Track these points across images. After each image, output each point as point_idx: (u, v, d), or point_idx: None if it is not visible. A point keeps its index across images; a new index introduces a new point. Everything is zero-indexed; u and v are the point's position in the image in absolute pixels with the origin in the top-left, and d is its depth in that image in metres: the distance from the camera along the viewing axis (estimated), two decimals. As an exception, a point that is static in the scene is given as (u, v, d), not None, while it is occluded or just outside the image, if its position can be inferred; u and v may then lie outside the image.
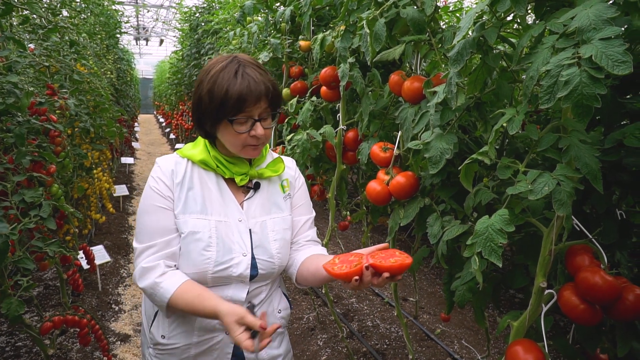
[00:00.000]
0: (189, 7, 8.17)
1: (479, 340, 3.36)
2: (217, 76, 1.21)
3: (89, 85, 3.67)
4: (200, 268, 1.24)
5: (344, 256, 1.18)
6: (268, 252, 1.32)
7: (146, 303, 1.41)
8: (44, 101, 2.06)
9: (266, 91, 1.21)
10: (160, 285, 1.20)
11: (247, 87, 1.19)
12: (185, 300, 1.18)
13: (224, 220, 1.28)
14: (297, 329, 3.48)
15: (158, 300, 1.22)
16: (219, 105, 1.20)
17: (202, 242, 1.24)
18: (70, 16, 3.84)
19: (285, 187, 1.44)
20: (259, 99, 1.20)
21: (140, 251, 1.25)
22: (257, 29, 3.19)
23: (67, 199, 3.27)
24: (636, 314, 1.02)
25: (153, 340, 1.32)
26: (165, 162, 1.32)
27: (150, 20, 18.47)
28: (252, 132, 1.23)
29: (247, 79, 1.19)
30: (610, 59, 0.77)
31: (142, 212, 1.28)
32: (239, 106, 1.19)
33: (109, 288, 4.13)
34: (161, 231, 1.25)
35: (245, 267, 1.27)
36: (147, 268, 1.22)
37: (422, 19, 1.43)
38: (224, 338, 1.30)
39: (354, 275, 1.06)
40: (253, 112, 1.21)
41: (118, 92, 7.87)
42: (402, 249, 4.79)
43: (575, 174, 0.97)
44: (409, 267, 1.08)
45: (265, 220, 1.35)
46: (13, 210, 1.54)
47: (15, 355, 2.98)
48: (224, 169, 1.31)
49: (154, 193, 1.27)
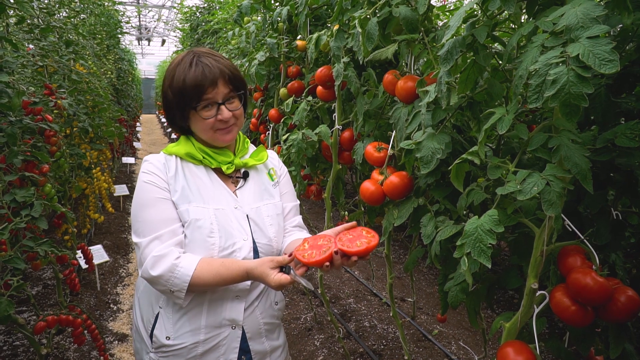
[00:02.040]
0: (190, 7, 8.17)
1: (477, 342, 3.34)
2: (174, 70, 1.28)
3: (87, 85, 3.67)
4: (205, 254, 1.26)
5: (313, 240, 1.22)
6: (266, 236, 1.37)
7: (142, 307, 1.39)
8: (38, 101, 2.05)
9: (221, 74, 1.26)
10: (179, 266, 1.20)
11: (202, 74, 1.24)
12: (210, 271, 1.21)
13: (220, 207, 1.31)
14: (294, 329, 3.48)
15: (178, 283, 1.20)
16: (179, 96, 1.25)
17: (205, 229, 1.26)
18: (69, 16, 3.84)
19: (273, 176, 1.50)
20: (215, 83, 1.25)
21: (147, 243, 1.23)
22: (255, 28, 3.19)
23: (66, 198, 3.27)
24: (628, 315, 1.01)
25: (156, 343, 1.31)
26: (155, 158, 1.34)
27: (152, 21, 18.50)
28: (219, 116, 1.27)
29: (201, 66, 1.25)
30: (597, 57, 0.76)
31: (140, 207, 1.28)
32: (197, 93, 1.24)
33: (107, 287, 4.13)
34: (165, 221, 1.26)
35: (248, 251, 1.31)
36: (159, 256, 1.21)
37: (414, 18, 1.42)
38: (230, 333, 1.32)
39: (325, 261, 1.12)
40: (214, 96, 1.26)
41: (118, 92, 7.88)
42: (399, 249, 4.77)
43: (566, 174, 0.96)
44: (375, 247, 1.14)
45: (259, 206, 1.40)
46: (4, 209, 1.54)
47: (12, 355, 2.99)
48: (210, 159, 1.34)
49: (150, 186, 1.28)
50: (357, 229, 1.23)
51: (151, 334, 1.33)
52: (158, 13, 17.12)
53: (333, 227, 1.29)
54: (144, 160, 1.35)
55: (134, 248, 1.31)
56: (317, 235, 1.26)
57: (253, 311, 1.36)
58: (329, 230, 1.27)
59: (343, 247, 1.14)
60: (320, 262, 1.12)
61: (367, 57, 1.60)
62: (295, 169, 2.44)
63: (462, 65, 1.19)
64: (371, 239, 1.17)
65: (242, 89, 1.34)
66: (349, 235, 1.20)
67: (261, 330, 1.39)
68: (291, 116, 2.55)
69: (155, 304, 1.34)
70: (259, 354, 1.39)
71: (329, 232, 1.26)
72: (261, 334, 1.39)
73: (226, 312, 1.31)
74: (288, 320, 3.60)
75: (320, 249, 1.16)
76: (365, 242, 1.15)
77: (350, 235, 1.20)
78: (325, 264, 1.13)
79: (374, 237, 1.18)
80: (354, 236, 1.19)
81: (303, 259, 1.15)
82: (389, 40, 1.65)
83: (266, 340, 1.41)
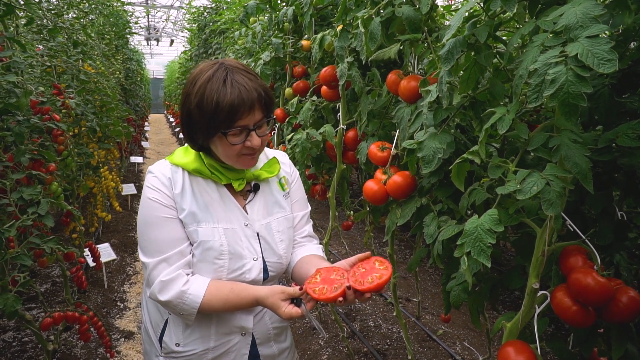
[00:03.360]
0: (197, 8, 8.22)
1: (483, 342, 3.33)
2: (204, 87, 1.12)
3: (95, 85, 3.71)
4: (213, 276, 1.23)
5: (326, 272, 1.20)
6: (276, 254, 1.32)
7: (151, 312, 1.37)
8: (46, 100, 2.09)
9: (259, 98, 1.14)
10: (188, 293, 1.17)
11: (239, 97, 1.10)
12: (219, 298, 1.18)
13: (230, 227, 1.25)
14: (298, 328, 3.49)
15: (187, 308, 1.18)
16: (209, 118, 1.12)
17: (214, 251, 1.21)
18: (78, 17, 3.88)
19: (284, 185, 1.42)
20: (252, 108, 1.13)
21: (154, 265, 1.19)
22: (262, 28, 3.21)
23: (73, 197, 3.31)
24: (630, 316, 1.00)
25: (165, 349, 1.30)
26: (161, 171, 1.25)
27: (160, 21, 18.62)
28: (247, 143, 1.16)
29: (238, 88, 1.11)
30: (596, 57, 0.76)
31: (145, 225, 1.22)
32: (231, 118, 1.11)
33: (114, 285, 4.17)
34: (172, 242, 1.20)
35: (257, 272, 1.27)
36: (167, 281, 1.17)
37: (417, 18, 1.42)
38: (240, 339, 1.31)
39: (337, 298, 1.11)
40: (247, 122, 1.14)
41: (126, 92, 7.94)
42: (405, 249, 4.73)
43: (567, 174, 0.96)
44: (388, 282, 1.12)
45: (269, 221, 1.34)
46: (12, 207, 1.57)
47: (21, 350, 3.04)
48: (220, 175, 1.26)
49: (155, 204, 1.21)
50: (371, 260, 1.20)
51: (160, 339, 1.32)
52: (166, 13, 17.24)
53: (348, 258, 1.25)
54: (149, 172, 1.26)
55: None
56: (331, 267, 1.22)
57: (262, 317, 1.36)
58: (343, 262, 1.23)
59: (355, 284, 1.13)
60: (332, 299, 1.11)
61: (370, 57, 1.60)
62: (299, 168, 2.45)
63: (463, 64, 1.19)
64: (384, 272, 1.14)
65: (272, 112, 1.22)
66: (362, 269, 1.17)
67: (270, 335, 1.38)
68: (296, 116, 2.56)
69: (164, 311, 1.32)
70: (268, 358, 1.38)
71: (342, 263, 1.22)
72: (270, 339, 1.38)
73: (236, 320, 1.30)
74: (293, 320, 3.61)
75: (332, 285, 1.15)
76: (377, 277, 1.13)
77: (362, 269, 1.17)
78: (338, 299, 1.10)
79: (387, 269, 1.15)
80: (366, 270, 1.17)
81: (314, 294, 1.13)
82: (392, 39, 1.65)
83: (275, 344, 1.40)
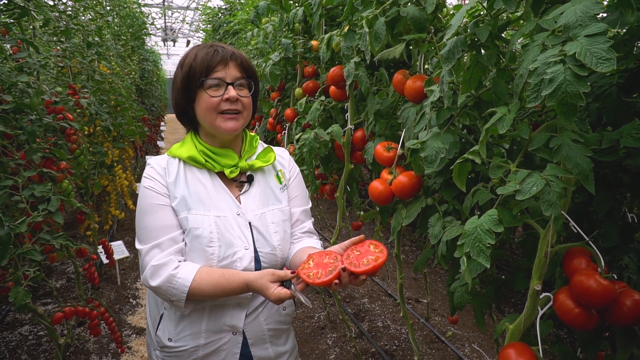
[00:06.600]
0: (212, 9, 8.30)
1: (492, 344, 3.29)
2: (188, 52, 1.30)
3: (110, 86, 3.78)
4: (204, 263, 1.24)
5: (318, 257, 1.17)
6: (270, 245, 1.32)
7: (150, 306, 1.41)
8: (59, 100, 2.14)
9: (233, 56, 1.26)
10: (177, 277, 1.19)
11: (214, 52, 1.25)
12: (209, 282, 1.19)
13: (222, 215, 1.28)
14: (307, 328, 3.50)
15: (176, 293, 1.19)
16: (188, 72, 1.24)
17: (203, 239, 1.23)
18: (94, 18, 3.96)
19: (281, 178, 1.44)
20: (226, 62, 1.25)
21: (147, 251, 1.22)
22: (273, 29, 3.23)
23: (88, 195, 3.38)
24: (634, 319, 0.98)
25: (160, 343, 1.32)
26: (157, 162, 1.32)
27: (177, 22, 18.84)
28: (226, 95, 1.24)
29: (214, 47, 1.27)
30: (594, 56, 0.75)
31: (141, 213, 1.27)
32: (206, 68, 1.23)
33: (127, 282, 4.24)
34: (165, 229, 1.24)
35: (249, 261, 1.27)
36: (158, 265, 1.20)
37: (422, 18, 1.42)
38: (231, 338, 1.31)
39: (331, 281, 1.08)
40: (224, 75, 1.25)
41: (142, 92, 8.06)
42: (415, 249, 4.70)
43: (568, 174, 0.95)
44: (382, 265, 1.09)
45: (264, 212, 1.35)
46: (23, 204, 1.61)
47: (37, 344, 3.11)
48: (213, 162, 1.31)
49: (150, 192, 1.26)
50: (365, 243, 1.18)
51: (156, 333, 1.35)
52: (183, 14, 17.43)
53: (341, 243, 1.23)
54: (147, 164, 1.33)
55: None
56: (323, 251, 1.20)
57: (256, 317, 1.34)
58: (336, 246, 1.22)
59: (350, 267, 1.09)
60: (326, 282, 1.08)
61: (375, 56, 1.60)
62: (307, 167, 2.46)
63: (465, 64, 1.18)
64: (379, 254, 1.11)
65: (252, 77, 1.31)
66: (356, 252, 1.15)
67: (265, 337, 1.36)
68: (305, 116, 2.57)
69: (161, 305, 1.35)
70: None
71: (336, 247, 1.21)
72: (265, 340, 1.36)
73: (226, 319, 1.30)
74: (302, 319, 3.63)
75: (327, 268, 1.12)
76: (372, 259, 1.10)
77: (357, 252, 1.15)
78: (334, 282, 1.08)
79: (382, 252, 1.12)
80: (361, 252, 1.14)
81: (308, 279, 1.10)
82: (398, 39, 1.65)
83: (271, 346, 1.38)
